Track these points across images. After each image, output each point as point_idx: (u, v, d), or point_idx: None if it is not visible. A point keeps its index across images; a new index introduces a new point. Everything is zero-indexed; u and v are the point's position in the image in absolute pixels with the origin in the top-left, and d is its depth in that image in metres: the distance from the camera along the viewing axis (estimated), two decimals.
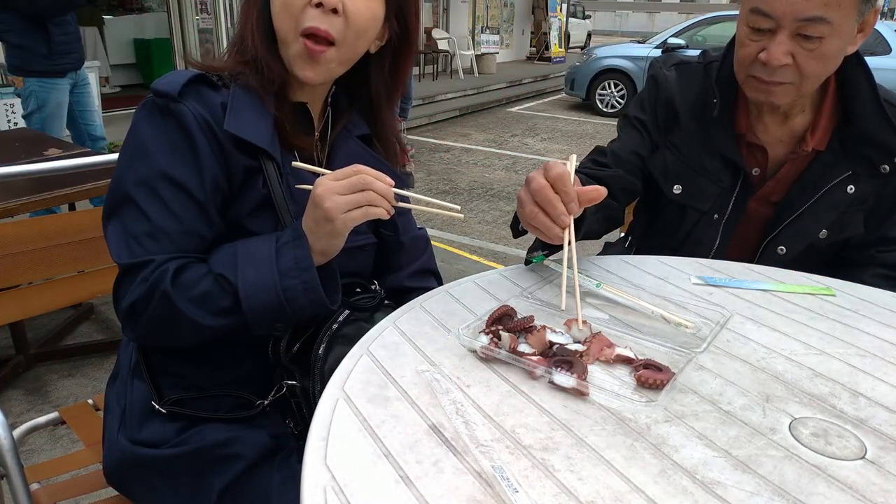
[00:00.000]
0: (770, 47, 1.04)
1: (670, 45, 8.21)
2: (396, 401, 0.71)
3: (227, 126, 0.84)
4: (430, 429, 0.66)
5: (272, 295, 0.81)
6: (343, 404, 0.70)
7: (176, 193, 0.83)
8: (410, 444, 0.64)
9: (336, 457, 0.62)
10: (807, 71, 1.05)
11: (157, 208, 0.83)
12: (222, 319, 0.82)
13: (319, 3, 0.85)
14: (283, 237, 0.84)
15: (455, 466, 0.61)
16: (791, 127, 1.18)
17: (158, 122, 0.85)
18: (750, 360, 0.83)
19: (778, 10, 1.01)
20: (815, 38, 1.02)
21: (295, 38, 0.87)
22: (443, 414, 0.69)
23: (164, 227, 0.83)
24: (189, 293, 0.81)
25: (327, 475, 0.59)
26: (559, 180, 0.87)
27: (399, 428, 0.66)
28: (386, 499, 0.57)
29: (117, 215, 0.85)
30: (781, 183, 1.21)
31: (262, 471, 0.90)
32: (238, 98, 0.87)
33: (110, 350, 2.52)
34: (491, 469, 0.60)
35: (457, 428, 0.66)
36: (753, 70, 1.09)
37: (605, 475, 0.61)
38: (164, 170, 0.83)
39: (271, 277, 0.81)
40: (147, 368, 0.96)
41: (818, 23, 1.00)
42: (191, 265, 0.84)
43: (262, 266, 0.82)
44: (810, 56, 1.04)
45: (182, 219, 0.84)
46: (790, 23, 1.01)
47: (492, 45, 12.37)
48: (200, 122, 0.84)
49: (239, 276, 0.81)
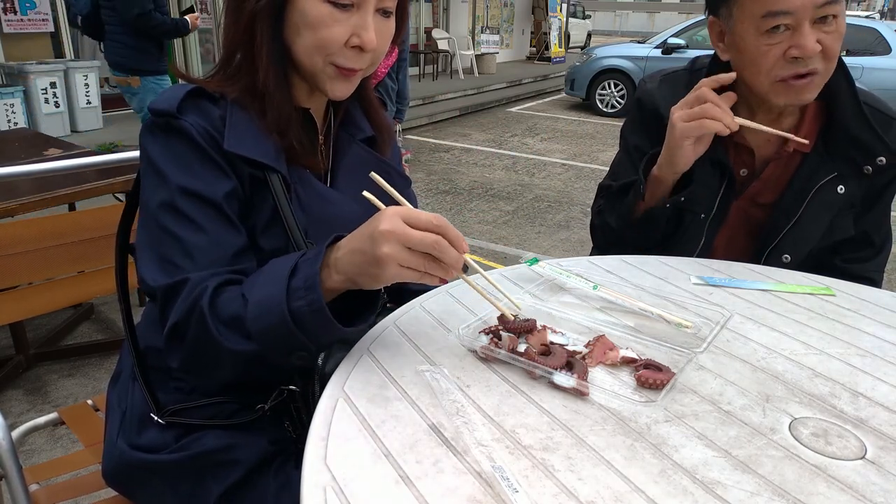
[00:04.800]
0: (800, 40, 1.04)
1: (670, 45, 8.21)
2: (396, 401, 0.71)
3: (227, 146, 0.82)
4: (430, 429, 0.66)
5: (277, 317, 0.73)
6: (343, 404, 0.70)
7: (196, 206, 0.81)
8: (410, 444, 0.64)
9: (336, 457, 0.62)
10: (831, 53, 1.06)
11: (183, 225, 0.80)
12: (252, 345, 0.75)
13: (358, 46, 0.83)
14: (308, 253, 0.77)
15: (455, 466, 0.61)
16: (780, 127, 1.18)
17: (163, 141, 0.83)
18: (750, 360, 0.83)
19: (796, 4, 1.02)
20: (831, 20, 1.04)
21: (324, 66, 0.85)
22: (443, 414, 0.69)
23: (194, 241, 0.80)
24: (221, 314, 0.76)
25: (327, 475, 0.59)
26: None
27: (399, 428, 0.66)
28: (386, 499, 0.57)
29: (147, 243, 0.82)
30: (768, 184, 1.22)
31: (260, 477, 0.90)
32: (235, 115, 0.85)
33: (110, 350, 2.52)
34: (491, 469, 0.60)
35: (457, 428, 0.66)
36: (782, 71, 1.07)
37: (605, 475, 0.61)
38: (179, 184, 0.81)
39: (279, 297, 0.73)
40: (145, 376, 0.95)
41: (833, 3, 1.03)
42: (230, 285, 0.79)
43: (274, 285, 0.74)
44: (833, 38, 1.05)
45: (208, 230, 0.81)
46: (811, 10, 1.03)
47: (492, 45, 12.38)
48: (203, 134, 0.82)
49: (250, 297, 0.75)
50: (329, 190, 0.93)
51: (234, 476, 0.89)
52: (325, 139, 0.99)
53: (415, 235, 0.70)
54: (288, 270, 0.74)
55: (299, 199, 0.88)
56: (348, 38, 0.83)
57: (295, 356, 0.77)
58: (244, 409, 0.93)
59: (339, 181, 0.95)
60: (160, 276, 0.79)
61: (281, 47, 0.86)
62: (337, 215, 0.91)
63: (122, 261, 1.03)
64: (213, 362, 0.79)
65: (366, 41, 0.83)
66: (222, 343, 0.75)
